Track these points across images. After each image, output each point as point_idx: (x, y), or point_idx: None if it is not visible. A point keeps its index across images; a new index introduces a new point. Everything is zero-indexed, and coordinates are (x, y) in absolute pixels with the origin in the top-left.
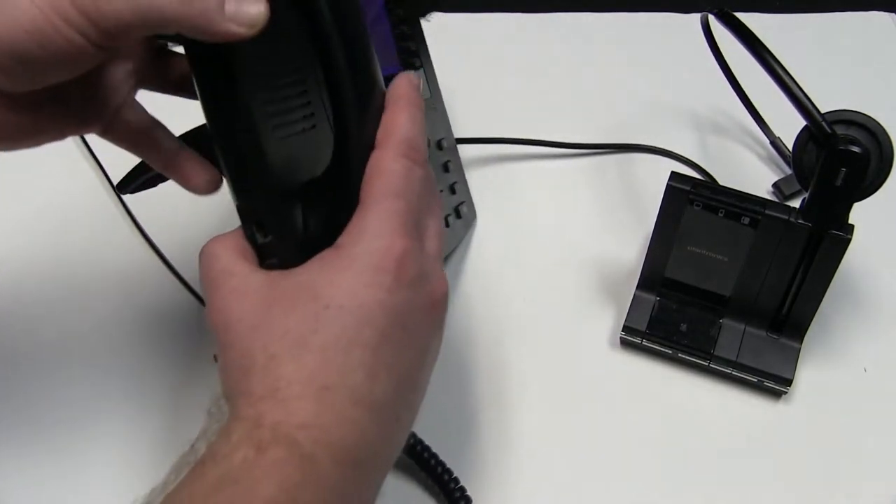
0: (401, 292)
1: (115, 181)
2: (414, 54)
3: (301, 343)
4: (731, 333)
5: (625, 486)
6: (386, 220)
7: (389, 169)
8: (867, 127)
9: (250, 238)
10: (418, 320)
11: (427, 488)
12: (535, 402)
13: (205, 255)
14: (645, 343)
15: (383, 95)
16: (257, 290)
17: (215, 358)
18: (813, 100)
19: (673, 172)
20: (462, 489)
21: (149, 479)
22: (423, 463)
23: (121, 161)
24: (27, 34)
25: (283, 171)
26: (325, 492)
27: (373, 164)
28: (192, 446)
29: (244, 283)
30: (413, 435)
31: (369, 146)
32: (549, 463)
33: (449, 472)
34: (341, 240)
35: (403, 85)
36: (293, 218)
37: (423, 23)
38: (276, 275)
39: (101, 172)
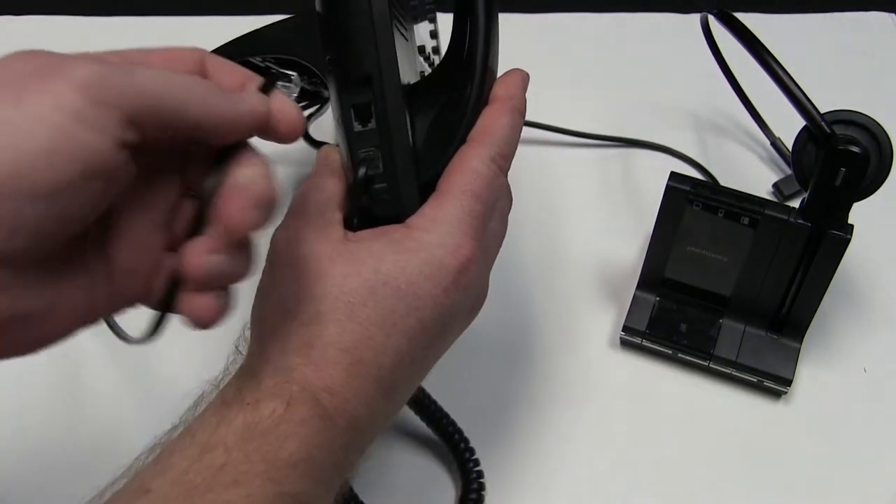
0: (454, 294)
1: None
2: None
3: (350, 311)
4: (731, 333)
5: (624, 485)
6: (461, 219)
7: (476, 169)
8: (866, 127)
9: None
10: (457, 322)
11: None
12: (535, 402)
13: (314, 183)
14: (645, 343)
15: (493, 80)
16: (334, 241)
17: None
18: (812, 100)
19: (672, 172)
20: (477, 462)
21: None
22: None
23: None
24: (35, 156)
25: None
26: (335, 452)
27: (461, 159)
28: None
29: (329, 229)
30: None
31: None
32: (547, 462)
33: (472, 450)
34: (413, 221)
35: (515, 84)
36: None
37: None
38: (349, 234)
39: None
